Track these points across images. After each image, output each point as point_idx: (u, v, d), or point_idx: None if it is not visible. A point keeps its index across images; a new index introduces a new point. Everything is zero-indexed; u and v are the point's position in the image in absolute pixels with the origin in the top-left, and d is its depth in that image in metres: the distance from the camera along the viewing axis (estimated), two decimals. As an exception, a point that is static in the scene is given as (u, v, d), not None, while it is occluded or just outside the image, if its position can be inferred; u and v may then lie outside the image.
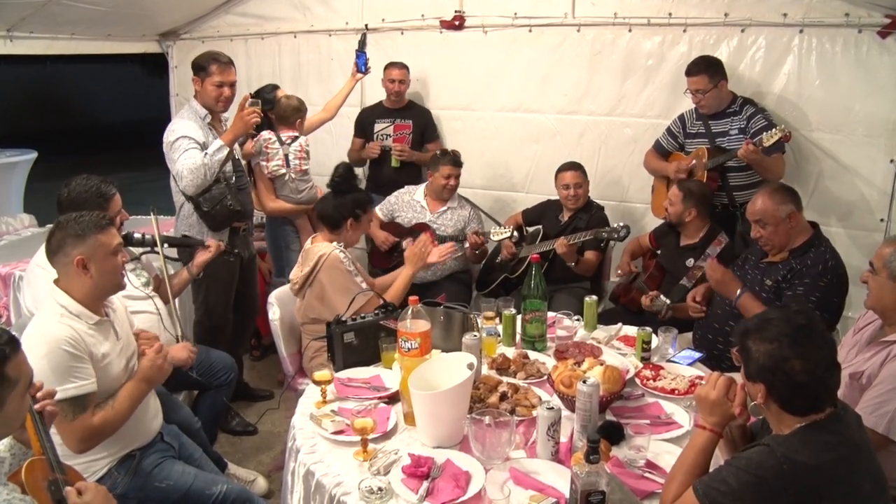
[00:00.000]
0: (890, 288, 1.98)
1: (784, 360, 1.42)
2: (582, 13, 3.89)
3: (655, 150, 3.63)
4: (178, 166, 3.03)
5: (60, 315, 1.96)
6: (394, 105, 4.23)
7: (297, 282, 2.78)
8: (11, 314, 3.61)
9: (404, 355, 1.99)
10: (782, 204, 2.51)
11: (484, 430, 1.76)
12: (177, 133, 3.07)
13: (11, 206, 5.88)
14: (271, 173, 3.66)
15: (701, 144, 3.40)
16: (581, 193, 3.54)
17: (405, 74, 4.15)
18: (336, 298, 2.66)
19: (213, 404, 2.92)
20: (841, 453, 1.40)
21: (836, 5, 3.30)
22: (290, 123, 3.72)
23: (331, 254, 2.70)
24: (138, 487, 2.06)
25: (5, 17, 3.94)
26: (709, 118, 3.38)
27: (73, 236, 1.99)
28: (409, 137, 4.22)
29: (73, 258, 1.98)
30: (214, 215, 3.11)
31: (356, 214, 2.84)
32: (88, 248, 2.00)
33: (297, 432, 1.97)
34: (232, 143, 3.11)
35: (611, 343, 2.56)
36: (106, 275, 2.04)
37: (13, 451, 1.56)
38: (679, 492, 1.51)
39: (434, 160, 3.75)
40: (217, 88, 3.14)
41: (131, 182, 2.93)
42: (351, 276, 2.71)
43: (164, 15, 4.83)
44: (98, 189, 2.50)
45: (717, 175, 3.32)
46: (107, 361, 2.01)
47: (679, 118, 3.53)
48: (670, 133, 3.56)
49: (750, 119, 3.25)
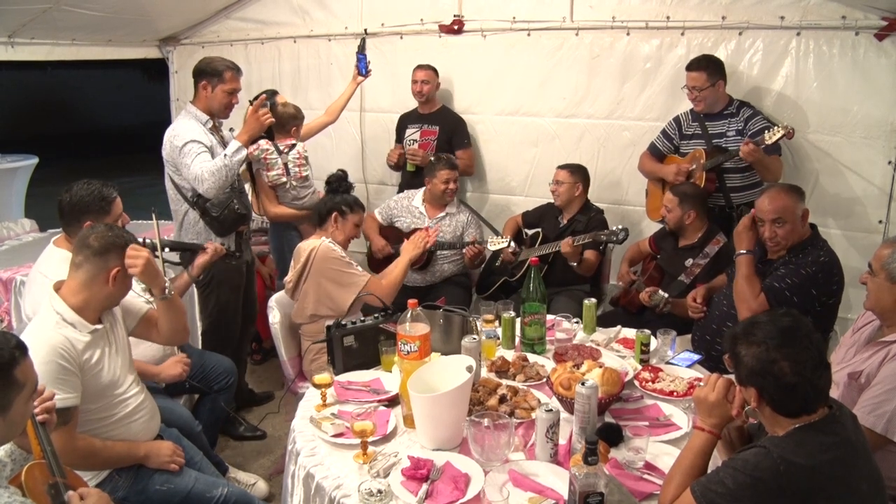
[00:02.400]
0: (888, 289, 1.98)
1: (772, 363, 1.43)
2: (580, 17, 3.90)
3: (650, 152, 3.63)
4: (194, 170, 3.00)
5: (56, 323, 1.96)
6: (424, 110, 4.20)
7: (292, 280, 2.81)
8: (13, 319, 3.62)
9: (404, 358, 2.00)
10: (799, 202, 2.54)
11: (483, 432, 1.77)
12: (184, 138, 3.03)
13: (12, 210, 5.89)
14: (272, 182, 3.67)
15: (697, 146, 3.41)
16: (561, 192, 3.55)
17: (429, 76, 4.11)
18: (332, 288, 2.70)
19: (213, 408, 2.92)
20: (837, 454, 1.40)
21: (833, 8, 3.31)
22: (287, 131, 3.73)
23: (321, 245, 2.75)
24: (139, 491, 2.06)
25: (7, 23, 3.95)
26: (705, 119, 3.39)
27: (119, 247, 2.03)
28: (434, 143, 4.16)
29: (111, 266, 2.01)
30: (223, 220, 3.13)
31: (341, 210, 2.91)
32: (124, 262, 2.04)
33: (297, 435, 1.98)
34: (247, 143, 3.12)
35: (610, 345, 2.56)
36: (123, 289, 2.09)
37: (13, 455, 1.58)
38: (677, 493, 1.52)
39: (430, 166, 3.75)
40: (228, 95, 3.16)
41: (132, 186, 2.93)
42: (344, 261, 2.77)
43: (164, 20, 4.85)
44: (100, 193, 2.49)
45: (714, 176, 3.32)
46: (98, 369, 2.02)
47: (675, 120, 3.54)
48: (665, 135, 3.56)
49: (748, 121, 3.26)
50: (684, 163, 3.40)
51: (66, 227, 2.49)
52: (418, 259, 3.65)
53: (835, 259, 2.55)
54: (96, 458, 2.02)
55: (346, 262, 2.77)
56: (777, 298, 2.48)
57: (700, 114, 3.41)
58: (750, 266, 2.58)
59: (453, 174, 3.70)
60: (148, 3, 4.42)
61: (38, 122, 15.11)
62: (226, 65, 3.16)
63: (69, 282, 2.04)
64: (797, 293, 2.47)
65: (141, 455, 2.10)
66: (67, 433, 1.90)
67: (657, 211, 3.60)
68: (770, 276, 2.56)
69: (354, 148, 4.69)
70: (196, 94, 3.18)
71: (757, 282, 2.55)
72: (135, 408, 2.14)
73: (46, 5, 3.80)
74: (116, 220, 2.50)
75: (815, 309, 2.48)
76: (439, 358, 2.05)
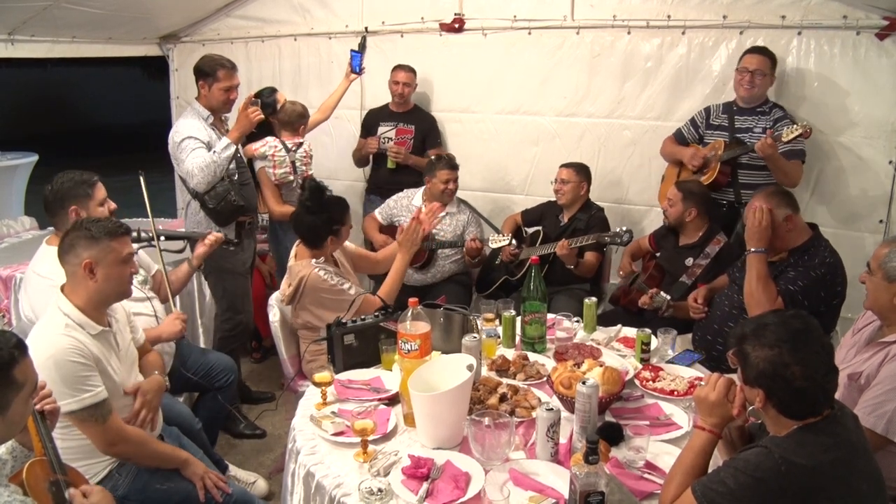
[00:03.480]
0: (885, 288, 1.98)
1: (784, 367, 1.43)
2: (581, 16, 3.90)
3: (675, 137, 3.61)
4: (187, 165, 3.12)
5: (65, 325, 1.96)
6: (398, 108, 4.24)
7: (286, 298, 2.78)
8: (12, 316, 3.62)
9: (404, 357, 1.99)
10: (778, 207, 2.52)
11: (483, 431, 1.76)
12: (182, 134, 3.15)
13: (12, 208, 5.90)
14: (279, 180, 3.68)
15: (720, 137, 3.38)
16: (566, 190, 3.55)
17: (411, 77, 4.15)
18: (326, 314, 2.64)
19: (213, 406, 2.92)
20: (838, 455, 1.40)
21: (835, 7, 3.31)
22: (295, 129, 3.75)
23: (310, 275, 2.66)
24: (139, 489, 2.06)
25: (7, 20, 3.95)
26: (736, 112, 3.36)
27: (85, 238, 2.01)
28: (410, 142, 4.22)
29: (81, 260, 1.99)
30: (220, 211, 3.21)
31: (335, 231, 2.78)
32: (98, 253, 2.01)
33: (297, 434, 1.98)
34: (238, 140, 3.21)
35: (610, 344, 2.56)
36: (111, 282, 2.04)
37: (14, 453, 1.57)
38: (678, 492, 1.51)
39: (430, 166, 3.75)
40: (225, 93, 3.24)
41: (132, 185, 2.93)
42: (335, 288, 2.67)
43: (164, 18, 4.84)
44: (80, 178, 2.51)
45: (728, 170, 3.30)
46: (105, 371, 2.01)
47: (705, 109, 3.51)
48: (693, 123, 3.53)
49: (777, 121, 3.22)
50: (703, 149, 3.38)
51: (52, 217, 2.52)
52: (419, 257, 3.65)
53: (838, 260, 2.55)
54: (146, 447, 2.07)
55: (337, 290, 2.67)
56: (793, 302, 2.46)
57: (733, 105, 3.38)
58: (763, 265, 2.50)
59: (453, 174, 3.69)
60: (148, 1, 4.42)
61: (38, 119, 15.10)
62: (219, 63, 3.23)
63: (66, 283, 2.05)
64: (807, 296, 2.47)
65: (182, 459, 2.13)
66: (114, 423, 1.96)
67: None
68: (781, 278, 2.53)
69: (354, 146, 4.67)
70: (198, 91, 3.29)
71: (772, 284, 2.48)
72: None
73: (47, 2, 3.79)
74: (102, 204, 2.52)
75: (820, 311, 2.47)
76: (440, 357, 2.05)
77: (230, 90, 3.25)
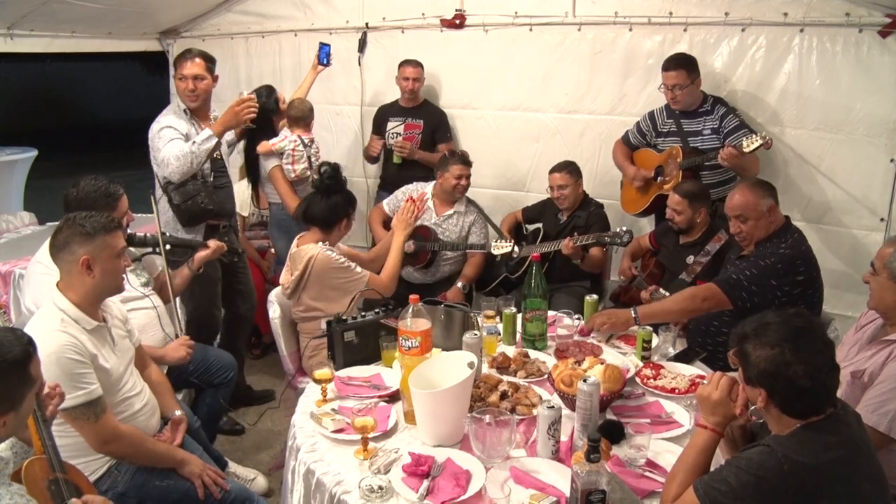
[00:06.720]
0: (890, 288, 1.97)
1: (786, 366, 1.42)
2: (582, 12, 3.89)
3: (623, 142, 3.64)
4: (163, 153, 3.01)
5: (61, 321, 1.96)
6: (408, 104, 4.21)
7: (289, 287, 2.78)
8: (11, 312, 3.61)
9: (405, 354, 1.99)
10: (763, 198, 2.53)
11: (484, 428, 1.76)
12: (161, 123, 3.09)
13: (11, 203, 5.89)
14: (298, 176, 3.68)
15: (673, 143, 3.41)
16: (568, 194, 3.52)
17: (419, 72, 4.13)
18: (335, 295, 2.69)
19: (213, 403, 2.92)
20: (841, 453, 1.40)
21: (837, 5, 3.29)
22: (307, 125, 3.75)
23: (318, 255, 2.71)
24: (138, 486, 2.06)
25: (6, 15, 3.93)
26: (681, 117, 3.39)
27: (81, 235, 1.99)
28: (419, 137, 4.19)
29: (78, 257, 1.99)
30: (185, 210, 3.10)
31: (349, 214, 2.88)
32: (95, 249, 2.00)
33: (297, 431, 1.97)
34: (220, 134, 3.08)
35: (611, 342, 2.56)
36: (108, 276, 2.04)
37: (15, 449, 1.57)
38: (679, 491, 1.51)
39: (443, 161, 3.71)
40: (180, 82, 3.15)
41: (131, 180, 2.93)
42: (345, 267, 2.74)
43: (164, 13, 4.83)
44: (107, 189, 2.52)
45: (690, 174, 3.33)
46: (102, 367, 2.01)
47: (649, 116, 3.53)
48: (639, 130, 3.57)
49: (723, 119, 3.27)
50: (650, 162, 3.40)
51: None
52: (421, 258, 3.64)
53: (800, 251, 2.53)
54: (142, 447, 2.05)
55: (345, 268, 2.75)
56: (734, 287, 2.47)
57: (676, 111, 3.40)
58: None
59: (466, 170, 3.65)
60: (149, -4, 4.42)
61: (38, 114, 15.09)
62: (179, 52, 3.19)
63: (60, 279, 2.05)
64: (756, 283, 2.46)
65: (178, 459, 2.12)
66: (107, 422, 1.95)
67: (632, 203, 3.62)
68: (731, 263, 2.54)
69: (354, 142, 4.68)
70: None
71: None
72: (138, 407, 2.14)
73: (46, -3, 3.79)
74: (122, 217, 2.52)
75: (777, 300, 2.46)
76: (440, 354, 2.05)
77: (184, 79, 3.10)
